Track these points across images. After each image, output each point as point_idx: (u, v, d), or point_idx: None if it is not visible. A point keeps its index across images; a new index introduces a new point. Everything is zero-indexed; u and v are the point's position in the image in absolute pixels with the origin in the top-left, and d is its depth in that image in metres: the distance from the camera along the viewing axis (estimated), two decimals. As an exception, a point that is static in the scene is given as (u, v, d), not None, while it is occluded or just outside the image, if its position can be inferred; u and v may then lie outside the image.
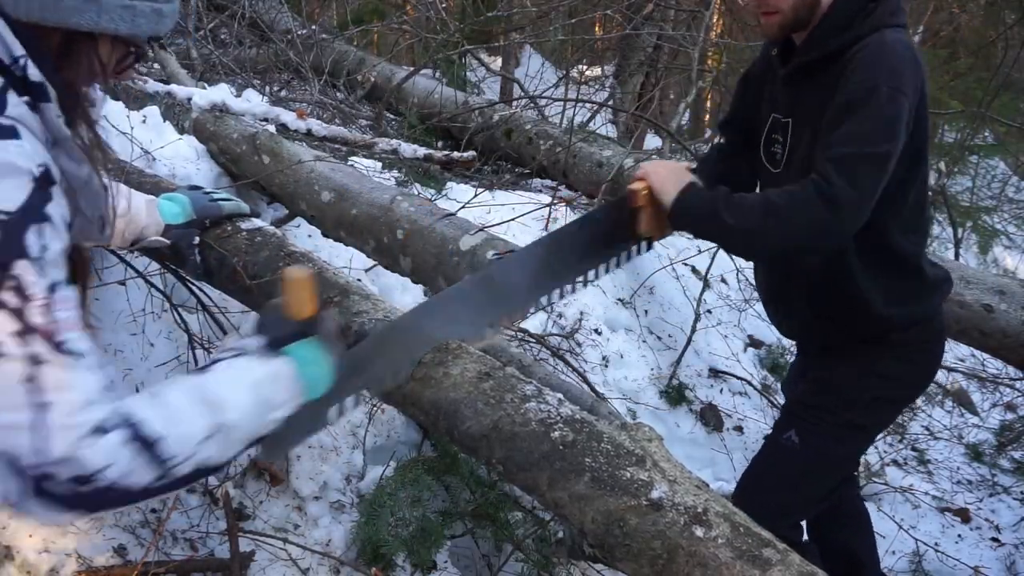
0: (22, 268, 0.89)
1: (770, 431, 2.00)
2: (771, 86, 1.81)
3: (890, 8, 1.63)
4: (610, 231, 1.77)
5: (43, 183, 0.94)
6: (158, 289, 2.28)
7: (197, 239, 1.84)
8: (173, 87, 3.31)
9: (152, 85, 3.39)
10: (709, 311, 3.78)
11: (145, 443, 0.97)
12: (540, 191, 3.98)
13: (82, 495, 0.93)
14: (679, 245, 3.78)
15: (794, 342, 2.20)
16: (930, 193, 4.86)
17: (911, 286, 1.79)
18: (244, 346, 1.17)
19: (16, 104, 0.96)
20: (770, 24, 1.69)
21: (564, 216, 3.58)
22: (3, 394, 0.89)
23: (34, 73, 0.98)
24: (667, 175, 1.72)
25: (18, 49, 0.97)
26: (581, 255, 1.73)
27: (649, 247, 1.83)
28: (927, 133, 1.68)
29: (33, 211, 0.91)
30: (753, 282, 4.02)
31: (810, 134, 1.69)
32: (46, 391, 0.90)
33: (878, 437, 2.57)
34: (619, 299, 3.57)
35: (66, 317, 0.93)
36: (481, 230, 2.04)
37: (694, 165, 1.83)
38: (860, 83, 1.56)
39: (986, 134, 6.02)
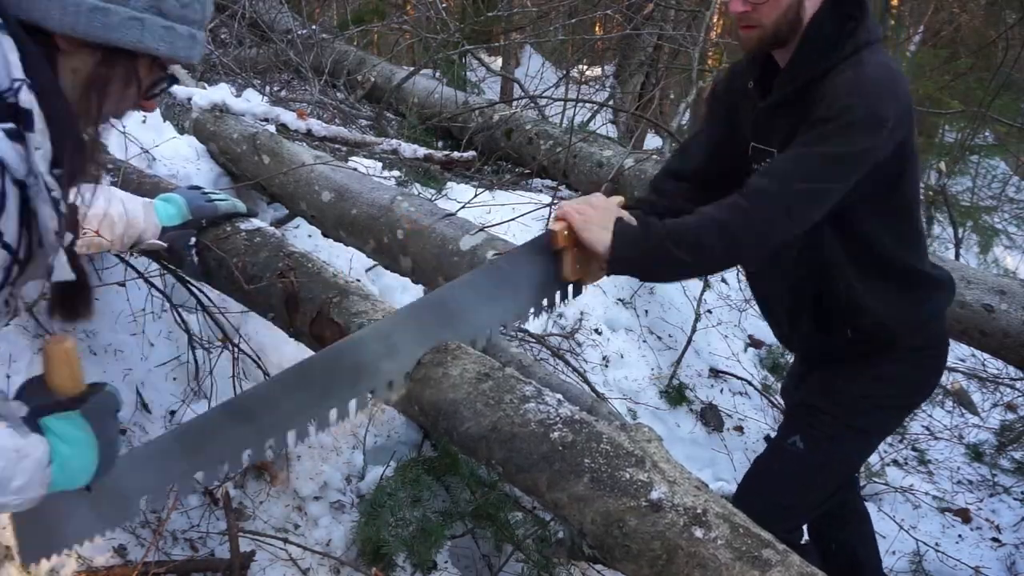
0: None
1: (772, 433, 2.00)
2: (748, 112, 1.78)
3: (866, 26, 1.63)
4: (533, 274, 1.60)
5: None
6: (158, 289, 2.28)
7: (194, 240, 1.84)
8: (173, 87, 3.31)
9: (152, 85, 3.38)
10: (709, 311, 3.78)
11: None
12: (540, 191, 3.98)
13: None
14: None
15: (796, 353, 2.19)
16: (930, 193, 4.89)
17: (912, 295, 1.79)
18: (2, 410, 1.07)
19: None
20: (749, 38, 1.67)
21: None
22: None
23: (25, 99, 0.95)
24: (592, 214, 1.57)
25: (18, 72, 0.95)
26: (509, 296, 1.58)
27: (578, 292, 1.65)
28: (914, 146, 1.67)
29: None
30: (753, 282, 4.02)
31: None
32: None
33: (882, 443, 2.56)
34: (619, 299, 3.57)
35: None
36: (481, 230, 2.04)
37: (619, 199, 1.66)
38: (833, 109, 1.56)
39: (986, 134, 6.02)
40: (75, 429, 1.08)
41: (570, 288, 1.63)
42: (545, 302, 1.62)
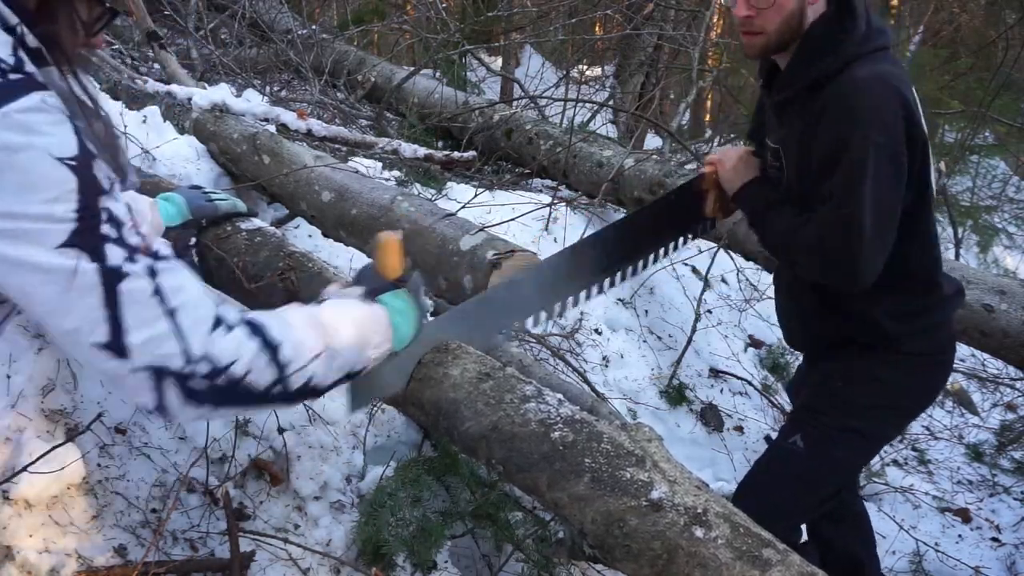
0: (105, 202, 0.94)
1: (772, 433, 2.00)
2: (766, 110, 1.84)
3: (862, 34, 1.62)
4: (679, 210, 1.94)
5: (75, 125, 0.97)
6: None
7: (194, 240, 1.84)
8: (173, 87, 3.32)
9: (152, 85, 3.39)
10: (709, 311, 3.78)
11: (266, 343, 1.06)
12: (540, 191, 3.98)
13: (217, 389, 1.01)
14: (679, 245, 3.78)
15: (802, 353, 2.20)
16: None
17: (924, 302, 1.79)
18: (347, 292, 1.31)
19: (30, 62, 0.96)
20: (752, 45, 1.69)
21: (564, 216, 3.58)
22: (142, 311, 0.95)
23: (31, 40, 0.98)
24: (735, 164, 1.84)
25: (12, 18, 0.96)
26: (653, 233, 1.90)
27: (713, 226, 2.02)
28: (926, 153, 1.67)
29: (86, 150, 0.94)
30: (753, 282, 4.04)
31: (794, 166, 1.72)
32: (169, 297, 0.97)
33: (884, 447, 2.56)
34: (619, 299, 3.57)
35: (148, 230, 1.01)
36: (481, 230, 2.03)
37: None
38: (833, 138, 1.59)
39: (986, 134, 6.02)
40: (402, 302, 1.33)
41: (707, 223, 1.98)
42: (682, 238, 1.96)
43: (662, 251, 1.91)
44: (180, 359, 0.98)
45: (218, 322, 1.03)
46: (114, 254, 0.94)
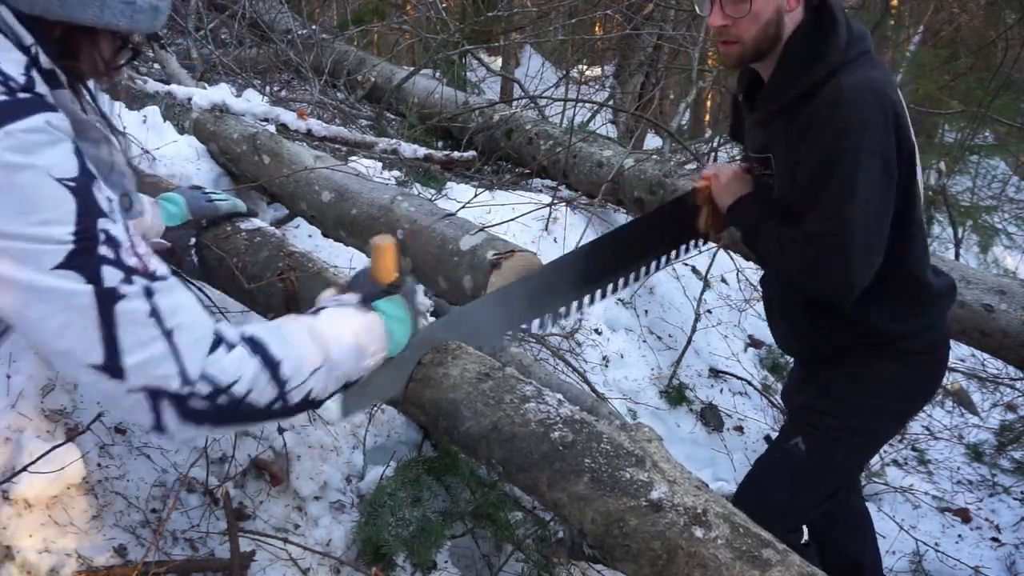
0: (104, 223, 0.95)
1: (772, 433, 2.00)
2: (745, 122, 1.84)
3: (844, 40, 1.61)
4: (673, 224, 1.93)
5: (77, 147, 0.98)
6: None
7: (193, 240, 1.84)
8: (173, 87, 3.32)
9: (152, 85, 3.39)
10: (709, 311, 3.78)
11: (267, 361, 1.07)
12: (540, 191, 3.98)
13: (219, 408, 1.02)
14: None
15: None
16: (930, 193, 4.89)
17: (917, 302, 1.79)
18: (343, 299, 1.31)
19: (42, 83, 0.98)
20: (729, 53, 1.68)
21: (564, 216, 3.58)
22: (138, 332, 0.96)
23: (45, 61, 0.99)
24: (728, 180, 1.83)
25: (28, 38, 0.98)
26: (646, 245, 1.89)
27: (706, 242, 2.01)
28: (914, 156, 1.67)
29: (86, 171, 0.95)
30: (752, 282, 4.04)
31: (780, 177, 1.72)
32: (166, 318, 0.98)
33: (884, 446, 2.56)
34: (619, 299, 3.57)
35: (144, 250, 1.00)
36: (481, 230, 2.03)
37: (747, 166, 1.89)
38: (823, 150, 1.58)
39: (986, 134, 6.02)
40: (398, 308, 1.34)
41: (700, 239, 1.97)
42: (674, 253, 1.94)
43: (654, 264, 1.91)
44: (177, 380, 0.98)
45: (218, 341, 1.03)
46: (110, 275, 0.94)
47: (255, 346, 1.07)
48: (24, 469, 1.79)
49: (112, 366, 0.95)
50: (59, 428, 1.94)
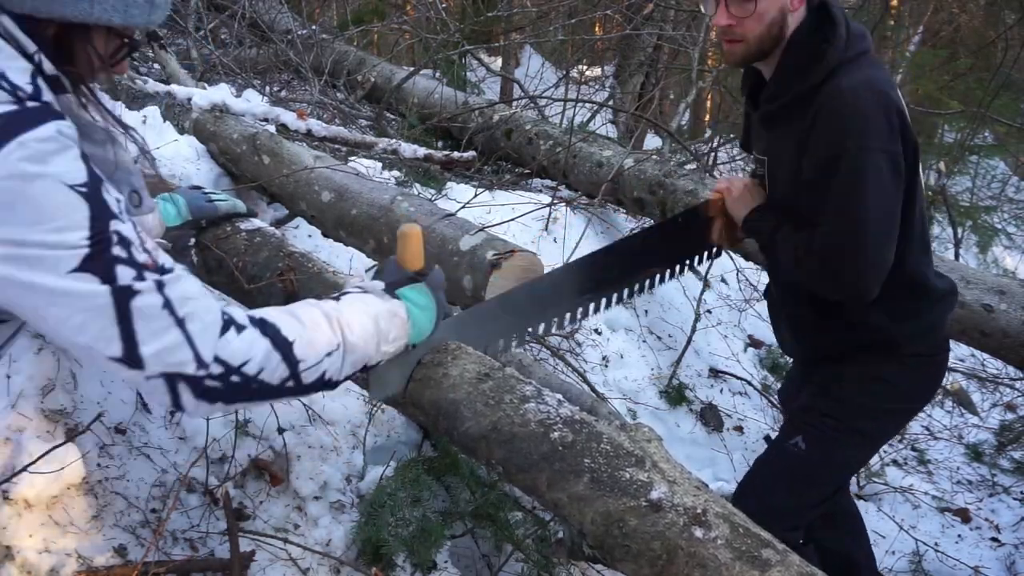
0: (115, 225, 0.99)
1: (772, 433, 2.00)
2: (752, 119, 1.85)
3: (843, 40, 1.61)
4: (685, 235, 1.93)
5: (82, 151, 1.00)
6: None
7: (193, 240, 1.84)
8: (173, 87, 3.32)
9: (152, 85, 3.39)
10: (709, 311, 3.78)
11: (278, 342, 1.11)
12: (540, 191, 3.98)
13: (232, 386, 1.07)
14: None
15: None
16: (930, 193, 4.90)
17: (917, 304, 1.79)
18: (368, 285, 1.33)
19: (48, 90, 0.99)
20: (733, 52, 1.69)
21: (564, 216, 3.58)
22: (153, 324, 1.00)
23: (48, 67, 1.00)
24: (741, 192, 1.83)
25: (31, 45, 0.98)
26: (659, 255, 1.90)
27: (718, 254, 2.02)
28: (916, 155, 1.67)
29: (94, 175, 0.98)
30: (752, 282, 4.04)
31: (784, 178, 1.73)
32: (178, 308, 1.02)
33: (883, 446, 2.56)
34: (619, 299, 3.56)
35: (152, 246, 1.04)
36: (481, 230, 2.03)
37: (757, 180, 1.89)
38: (827, 150, 1.58)
39: (986, 134, 6.02)
40: (423, 296, 1.36)
41: (713, 251, 1.98)
42: (686, 264, 1.96)
43: (668, 273, 1.91)
44: (192, 365, 1.03)
45: (228, 324, 1.07)
46: (124, 274, 0.98)
47: (265, 327, 1.11)
48: (24, 469, 1.79)
49: (131, 358, 1.00)
50: (59, 428, 1.94)
